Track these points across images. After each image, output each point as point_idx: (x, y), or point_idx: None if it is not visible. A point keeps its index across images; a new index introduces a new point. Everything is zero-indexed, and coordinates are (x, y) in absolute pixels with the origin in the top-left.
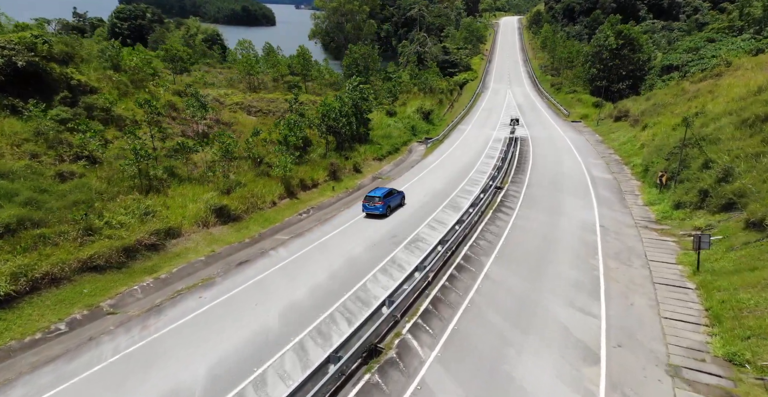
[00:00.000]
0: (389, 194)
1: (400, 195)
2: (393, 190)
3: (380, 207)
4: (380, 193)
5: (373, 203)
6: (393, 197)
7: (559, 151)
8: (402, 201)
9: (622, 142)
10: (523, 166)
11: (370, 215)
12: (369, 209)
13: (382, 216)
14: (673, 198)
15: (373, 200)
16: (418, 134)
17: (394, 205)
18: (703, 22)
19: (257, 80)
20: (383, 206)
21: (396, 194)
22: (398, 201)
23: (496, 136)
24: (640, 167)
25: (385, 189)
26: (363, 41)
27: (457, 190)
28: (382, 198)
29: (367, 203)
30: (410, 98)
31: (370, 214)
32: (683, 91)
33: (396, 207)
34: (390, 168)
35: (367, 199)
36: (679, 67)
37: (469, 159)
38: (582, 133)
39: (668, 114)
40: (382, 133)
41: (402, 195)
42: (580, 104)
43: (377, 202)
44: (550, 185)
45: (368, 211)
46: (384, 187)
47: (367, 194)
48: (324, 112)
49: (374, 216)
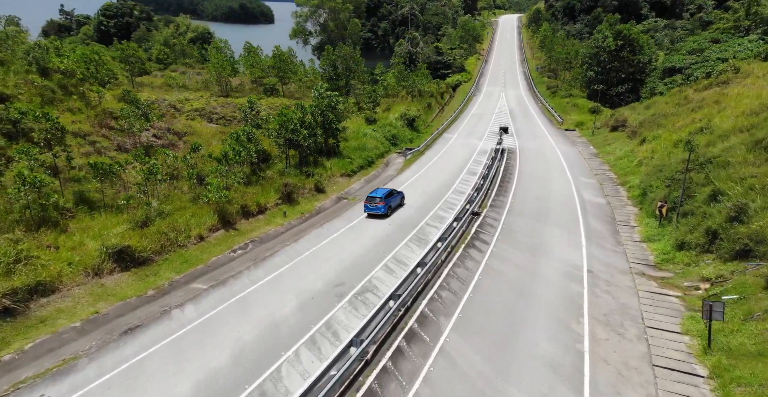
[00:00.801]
0: (390, 195)
1: (399, 195)
2: (393, 191)
3: (381, 207)
4: (381, 193)
5: (375, 204)
6: (393, 198)
7: (548, 166)
8: (402, 201)
9: (618, 157)
10: (507, 185)
11: (371, 215)
12: (371, 209)
13: (383, 216)
14: (675, 235)
15: (374, 200)
16: (399, 144)
17: (394, 205)
18: (707, 21)
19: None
20: (384, 206)
21: (396, 195)
22: (398, 201)
23: (482, 147)
24: (638, 190)
25: (386, 190)
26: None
27: (429, 217)
28: (383, 198)
29: (369, 203)
30: (396, 103)
31: (372, 214)
32: (686, 100)
33: (396, 207)
34: (360, 186)
35: (369, 199)
36: (681, 70)
37: (449, 176)
38: (575, 144)
39: (669, 126)
40: (357, 145)
41: (401, 195)
42: (575, 110)
43: (378, 202)
44: (534, 212)
45: (370, 211)
46: (384, 188)
47: (368, 195)
48: (281, 123)
49: (375, 216)
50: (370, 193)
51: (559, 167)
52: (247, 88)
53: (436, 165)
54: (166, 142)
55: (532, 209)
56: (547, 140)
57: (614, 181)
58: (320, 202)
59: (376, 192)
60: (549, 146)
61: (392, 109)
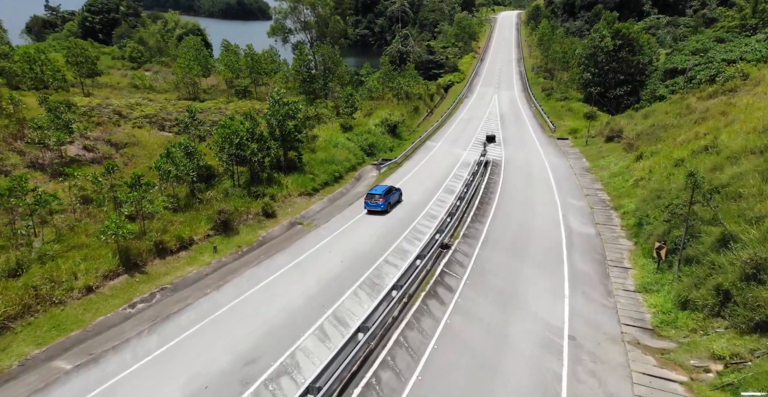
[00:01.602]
0: (389, 192)
1: (398, 192)
2: (392, 188)
3: (382, 204)
4: (381, 190)
5: (375, 201)
6: (392, 194)
7: (534, 184)
8: (400, 198)
9: (613, 173)
10: (486, 208)
11: (371, 211)
12: (371, 206)
13: (383, 213)
14: (677, 288)
15: (374, 197)
16: (377, 153)
17: (393, 201)
18: (711, 18)
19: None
20: (384, 202)
21: (395, 191)
22: (397, 198)
23: (465, 158)
24: (633, 219)
25: (385, 186)
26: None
27: (391, 250)
28: (383, 195)
29: (369, 200)
30: (381, 106)
31: (372, 211)
32: (688, 110)
33: (395, 203)
34: (321, 206)
35: (369, 196)
36: (684, 71)
37: (424, 194)
38: (567, 155)
39: (669, 141)
40: (324, 157)
41: (400, 192)
42: (570, 115)
43: (378, 199)
44: (513, 244)
45: (370, 208)
46: (384, 185)
47: (368, 192)
48: (223, 135)
49: (375, 213)
50: (369, 191)
51: (546, 185)
52: (220, 90)
53: (413, 180)
54: (98, 156)
55: (510, 240)
56: (537, 151)
57: (607, 205)
58: (267, 230)
59: (375, 189)
60: (538, 158)
61: (374, 113)
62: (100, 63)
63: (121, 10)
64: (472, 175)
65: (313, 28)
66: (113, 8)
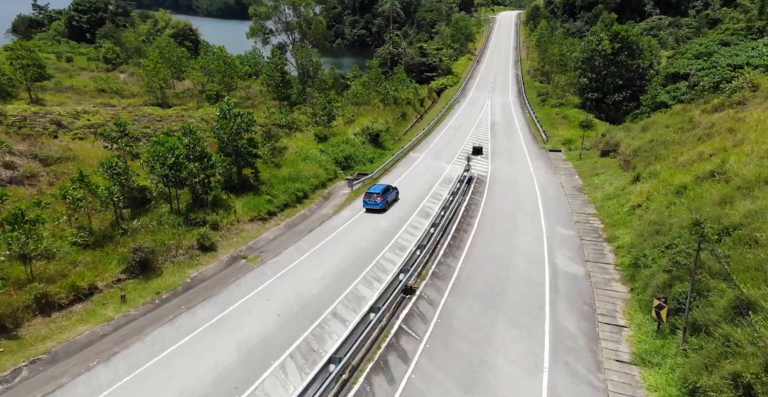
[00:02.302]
0: (387, 190)
1: (395, 190)
2: (389, 187)
3: (380, 203)
4: (379, 189)
5: (373, 199)
6: (390, 193)
7: (519, 207)
8: (396, 196)
9: (607, 195)
10: (462, 237)
11: (370, 209)
12: (369, 204)
13: (381, 211)
14: (684, 369)
15: (372, 196)
16: (355, 166)
17: (390, 200)
18: (714, 19)
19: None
20: (382, 201)
21: (392, 190)
22: (394, 196)
23: (448, 173)
24: (628, 256)
25: (383, 185)
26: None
27: (341, 299)
28: (381, 194)
29: (368, 198)
30: (366, 112)
31: (371, 209)
32: (691, 124)
33: (392, 201)
34: (276, 234)
35: (367, 195)
36: (687, 77)
37: (395, 218)
38: (558, 171)
39: (670, 161)
40: (288, 173)
41: (396, 190)
42: (565, 123)
43: (376, 198)
44: (487, 290)
45: (368, 206)
46: (381, 184)
47: (367, 191)
48: (154, 154)
49: (373, 211)
50: (369, 190)
51: (533, 207)
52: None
53: None
54: (17, 175)
55: (486, 282)
56: (526, 165)
57: (599, 234)
58: (199, 268)
59: (374, 188)
60: (526, 174)
61: (357, 121)
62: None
63: (109, 10)
64: (452, 194)
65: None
66: (101, 7)
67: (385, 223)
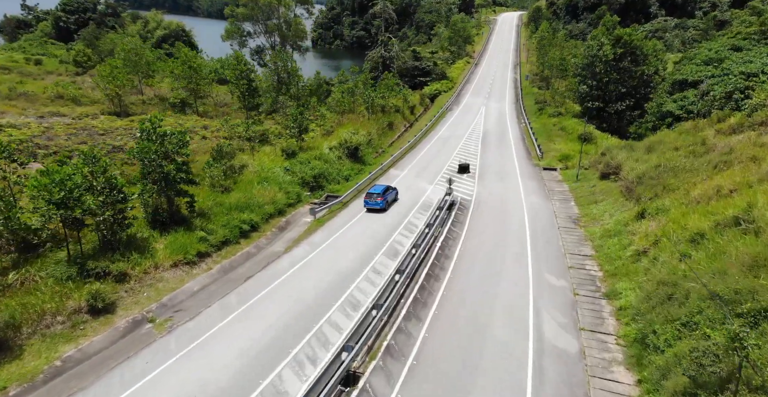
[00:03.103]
0: (386, 191)
1: (394, 191)
2: (389, 187)
3: (380, 203)
4: (380, 190)
5: (374, 199)
6: (390, 193)
7: (504, 245)
8: (396, 196)
9: (607, 231)
10: (432, 288)
11: (371, 209)
12: (370, 204)
13: (381, 211)
14: None
15: (372, 196)
16: (327, 185)
17: (390, 199)
18: (723, 20)
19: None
20: (382, 201)
21: (392, 190)
22: (394, 196)
23: (429, 196)
24: (633, 327)
25: (383, 186)
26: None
27: (257, 394)
28: (381, 194)
29: (368, 199)
30: (349, 122)
31: (371, 209)
32: (704, 147)
33: (392, 202)
34: (201, 284)
35: (368, 195)
36: (696, 84)
37: (357, 259)
38: (552, 196)
39: (681, 194)
40: (238, 200)
41: (396, 191)
42: (562, 135)
43: (377, 198)
44: (452, 377)
45: (369, 206)
46: (381, 185)
47: (367, 192)
48: (40, 187)
49: (374, 211)
50: (369, 190)
51: (520, 245)
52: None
53: (352, 232)
54: None
55: (453, 362)
56: (517, 187)
57: (596, 287)
58: (81, 342)
59: (374, 189)
60: (516, 199)
61: (336, 132)
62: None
63: (98, 10)
64: (427, 226)
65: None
66: (90, 8)
67: (344, 264)
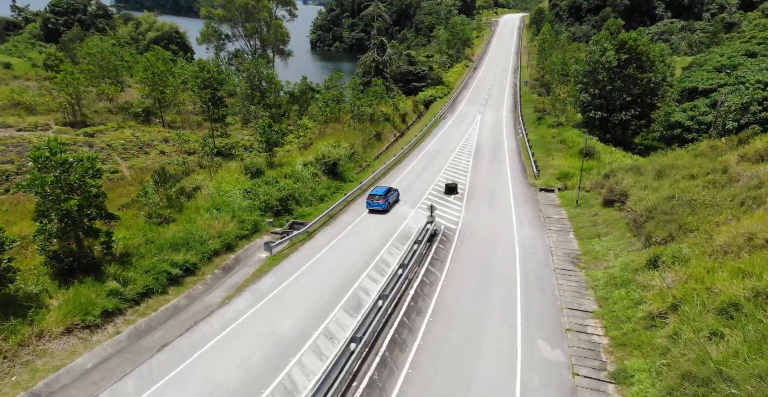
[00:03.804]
0: (388, 192)
1: (395, 192)
2: (390, 189)
3: (383, 204)
4: (382, 191)
5: (376, 201)
6: (391, 194)
7: (489, 297)
8: (397, 198)
9: (612, 277)
10: (396, 363)
11: (373, 210)
12: (372, 205)
13: (384, 212)
14: None
15: (374, 198)
16: (297, 209)
17: (392, 200)
18: (731, 22)
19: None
20: (384, 202)
21: (393, 192)
22: (395, 197)
23: (408, 225)
24: None
25: (384, 187)
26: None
27: None
28: (383, 196)
29: (371, 200)
30: (330, 133)
31: (374, 210)
32: (727, 176)
33: (394, 203)
34: (99, 358)
35: (370, 197)
36: (706, 93)
37: (308, 314)
38: (548, 225)
39: (702, 238)
40: (175, 234)
41: (397, 192)
42: (562, 149)
43: (379, 199)
44: None
45: (372, 207)
46: (383, 187)
47: (370, 193)
48: None
49: (377, 212)
50: (371, 192)
51: (508, 297)
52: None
53: (310, 274)
54: None
55: None
56: (509, 214)
57: (602, 363)
58: None
59: (376, 190)
60: (507, 230)
61: (315, 144)
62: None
63: (89, 11)
64: (401, 267)
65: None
66: (80, 9)
67: (288, 326)
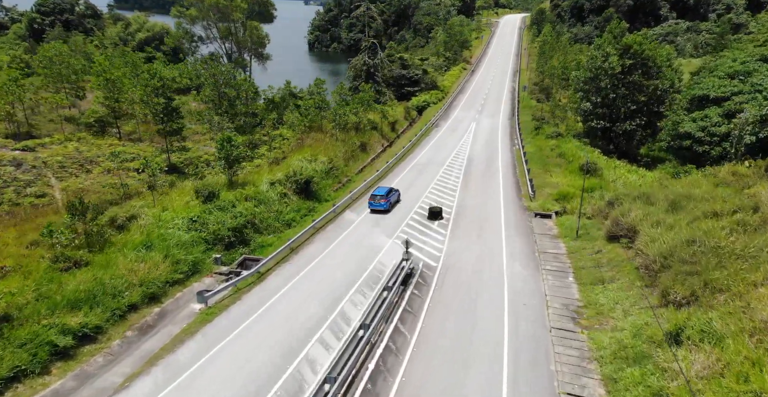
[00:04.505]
0: (390, 192)
1: (397, 192)
2: (392, 189)
3: (384, 204)
4: (383, 192)
5: (378, 201)
6: (392, 194)
7: (468, 372)
8: (398, 198)
9: (622, 346)
10: None
11: (375, 210)
12: (375, 205)
13: (385, 211)
14: None
15: (376, 198)
16: (257, 238)
17: (393, 200)
18: (738, 24)
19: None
20: (386, 202)
21: (394, 192)
22: (396, 197)
23: (380, 262)
24: None
25: (386, 188)
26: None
27: None
28: (385, 196)
29: (372, 200)
30: (309, 145)
31: (375, 209)
32: (759, 216)
33: (395, 203)
34: None
35: (372, 197)
36: (718, 101)
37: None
38: (543, 262)
39: (735, 303)
40: (78, 286)
41: (398, 192)
42: (561, 164)
43: (380, 199)
44: None
45: (374, 207)
46: (384, 187)
47: (371, 193)
48: None
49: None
50: (373, 192)
51: (490, 373)
52: (58, 122)
53: (248, 336)
54: None
55: None
56: (499, 246)
57: None
58: None
59: (378, 190)
60: (496, 270)
61: (289, 158)
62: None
63: (76, 11)
64: (362, 327)
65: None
66: (67, 8)
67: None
